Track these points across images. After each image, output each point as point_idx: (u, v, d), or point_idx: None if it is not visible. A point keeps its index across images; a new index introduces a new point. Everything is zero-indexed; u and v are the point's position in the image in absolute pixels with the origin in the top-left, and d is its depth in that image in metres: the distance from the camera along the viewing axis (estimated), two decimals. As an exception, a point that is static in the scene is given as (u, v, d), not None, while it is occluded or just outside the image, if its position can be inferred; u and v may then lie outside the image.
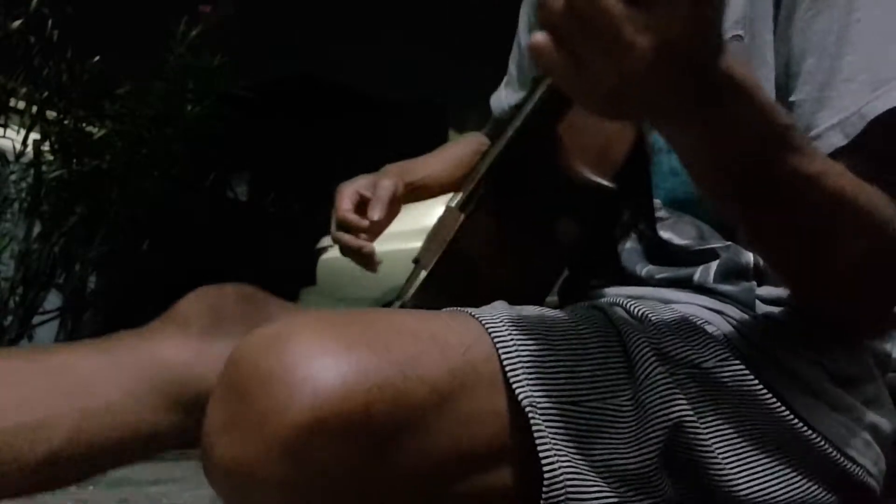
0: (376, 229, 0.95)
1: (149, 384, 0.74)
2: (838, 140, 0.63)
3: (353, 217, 0.93)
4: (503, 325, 0.56)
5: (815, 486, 0.64)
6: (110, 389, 0.73)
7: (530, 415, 0.53)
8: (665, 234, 0.75)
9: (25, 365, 0.75)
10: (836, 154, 0.63)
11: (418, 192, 1.04)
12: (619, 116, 0.53)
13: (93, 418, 0.71)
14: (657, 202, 0.77)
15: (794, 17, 0.68)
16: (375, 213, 0.92)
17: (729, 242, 0.71)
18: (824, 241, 0.60)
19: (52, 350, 0.80)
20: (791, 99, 0.68)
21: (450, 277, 0.78)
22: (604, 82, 0.47)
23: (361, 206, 0.95)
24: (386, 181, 0.96)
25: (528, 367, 0.54)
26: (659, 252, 0.76)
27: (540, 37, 0.47)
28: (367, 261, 0.94)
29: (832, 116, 0.64)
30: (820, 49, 0.66)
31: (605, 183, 0.72)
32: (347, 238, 0.94)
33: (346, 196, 0.95)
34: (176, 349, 0.76)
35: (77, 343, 0.79)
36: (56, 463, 0.69)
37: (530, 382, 0.54)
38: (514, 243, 0.74)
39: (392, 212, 0.97)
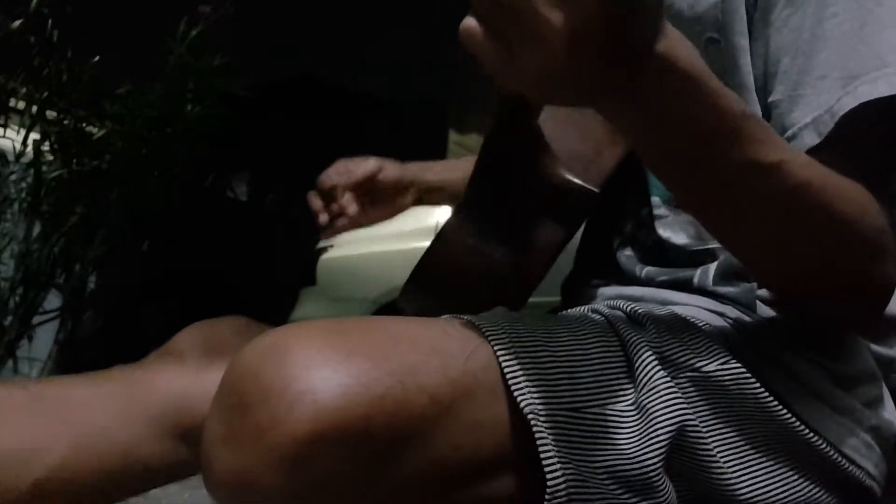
0: (362, 215, 0.98)
1: (143, 412, 0.73)
2: (812, 139, 0.62)
3: (324, 181, 0.97)
4: (503, 332, 0.56)
5: (817, 489, 0.64)
6: (104, 416, 0.72)
7: (532, 422, 0.52)
8: (664, 233, 0.75)
9: (19, 392, 0.75)
10: (812, 153, 0.61)
11: (433, 194, 1.04)
12: (553, 99, 0.52)
13: (85, 444, 0.70)
14: (656, 199, 0.77)
15: (770, 17, 0.67)
16: (333, 177, 0.97)
17: None
18: (787, 233, 0.58)
19: (47, 381, 0.80)
20: (769, 100, 0.67)
21: (434, 278, 0.78)
22: (531, 65, 0.46)
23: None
24: (371, 160, 0.99)
25: (529, 374, 0.54)
26: (657, 254, 0.76)
27: (470, 22, 0.47)
28: (319, 220, 0.98)
29: (806, 115, 0.63)
30: (794, 47, 0.65)
31: (588, 186, 0.72)
32: (313, 199, 0.97)
33: (332, 167, 0.99)
34: (171, 379, 0.76)
35: (73, 375, 0.78)
36: (45, 490, 0.68)
37: (531, 389, 0.54)
38: (495, 244, 0.74)
39: (383, 197, 1.00)
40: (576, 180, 0.73)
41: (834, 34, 0.63)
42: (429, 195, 1.04)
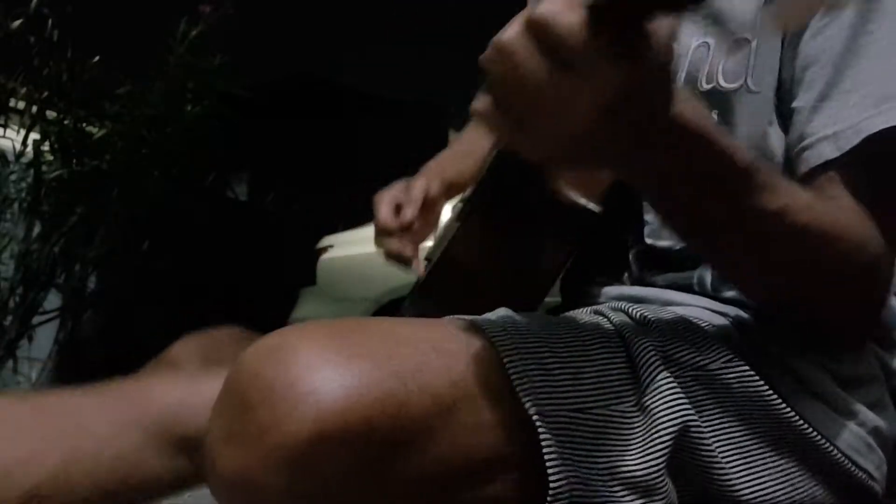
0: (419, 232, 0.96)
1: (139, 422, 0.73)
2: (830, 152, 0.62)
3: (391, 221, 0.94)
4: (506, 333, 0.56)
5: (819, 489, 0.64)
6: (99, 427, 0.72)
7: (538, 424, 0.52)
8: (649, 240, 0.76)
9: (14, 403, 0.75)
10: (826, 166, 0.62)
11: (457, 189, 1.04)
12: (569, 166, 0.54)
13: (80, 454, 0.70)
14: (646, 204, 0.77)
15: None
16: (408, 213, 0.94)
17: None
18: (785, 271, 0.61)
19: (43, 392, 0.80)
20: (792, 105, 0.67)
21: (444, 283, 0.78)
22: (548, 139, 0.48)
23: (399, 211, 0.96)
24: (419, 182, 0.97)
25: (532, 376, 0.54)
26: (650, 257, 0.77)
27: (481, 103, 0.49)
28: (408, 264, 0.94)
29: (827, 127, 0.63)
30: (826, 57, 0.65)
31: (591, 206, 0.73)
32: (388, 242, 0.94)
33: (384, 203, 0.96)
34: (167, 389, 0.75)
35: (69, 388, 0.78)
36: (40, 499, 0.68)
37: (536, 391, 0.53)
38: (503, 255, 0.75)
39: (431, 211, 0.98)
40: (581, 200, 0.73)
41: (868, 51, 0.63)
42: (449, 192, 1.03)
